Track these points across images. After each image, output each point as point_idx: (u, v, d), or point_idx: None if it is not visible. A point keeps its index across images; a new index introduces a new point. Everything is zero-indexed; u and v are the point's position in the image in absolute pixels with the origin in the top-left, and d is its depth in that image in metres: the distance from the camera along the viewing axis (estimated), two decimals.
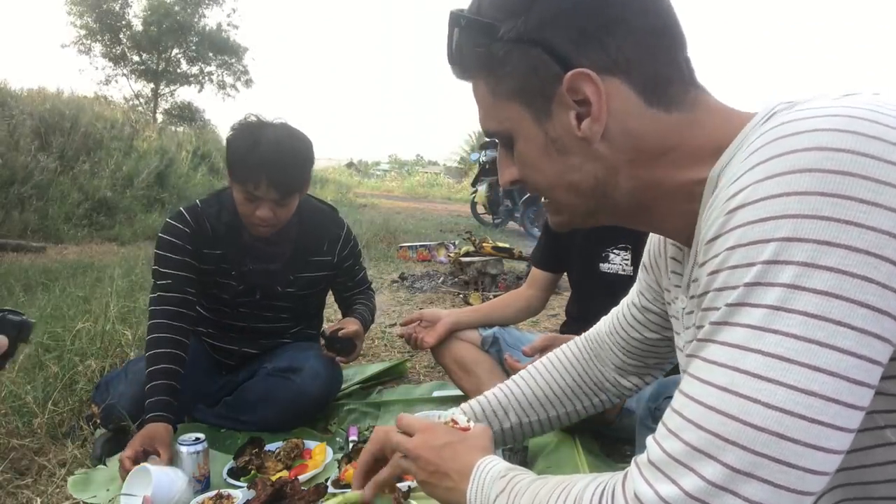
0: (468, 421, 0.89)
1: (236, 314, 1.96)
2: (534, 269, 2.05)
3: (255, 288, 1.92)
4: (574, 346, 1.08)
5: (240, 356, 2.00)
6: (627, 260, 1.82)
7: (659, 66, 0.64)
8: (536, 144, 0.68)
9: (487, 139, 10.21)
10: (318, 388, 1.86)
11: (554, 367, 1.07)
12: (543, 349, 1.66)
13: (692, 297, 0.68)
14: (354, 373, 2.41)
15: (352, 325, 1.95)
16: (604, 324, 1.05)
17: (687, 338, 0.73)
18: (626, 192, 0.67)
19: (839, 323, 0.46)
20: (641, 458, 0.56)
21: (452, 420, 0.90)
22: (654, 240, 0.89)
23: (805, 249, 0.47)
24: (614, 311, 1.03)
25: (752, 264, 0.49)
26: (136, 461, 1.45)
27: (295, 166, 1.73)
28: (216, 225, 1.84)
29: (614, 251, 1.84)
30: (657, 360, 1.00)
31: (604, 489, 0.58)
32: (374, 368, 2.45)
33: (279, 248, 1.90)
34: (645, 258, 0.92)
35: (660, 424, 0.55)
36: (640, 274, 0.95)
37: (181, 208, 1.88)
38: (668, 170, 0.65)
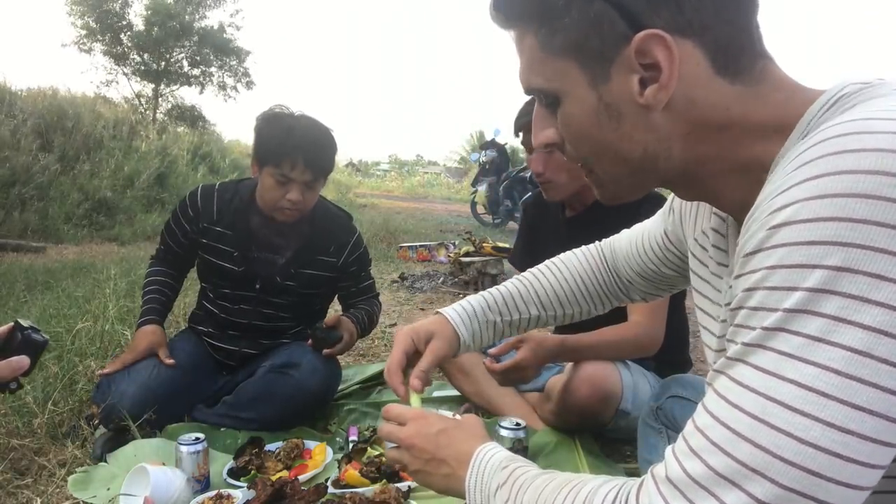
0: (454, 415, 0.89)
1: (237, 311, 1.97)
2: (515, 272, 2.05)
3: (255, 277, 1.93)
4: (590, 252, 1.08)
5: (240, 357, 2.00)
6: None
7: (734, 31, 0.58)
8: (587, 108, 0.62)
9: (487, 142, 10.28)
10: (316, 383, 1.85)
11: (574, 266, 1.06)
12: (516, 346, 1.67)
13: (727, 304, 0.64)
14: (354, 373, 2.42)
15: (337, 318, 1.98)
16: (620, 243, 1.03)
17: (721, 325, 0.69)
18: (677, 164, 0.62)
19: (884, 361, 0.44)
20: (659, 473, 0.53)
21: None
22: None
23: (856, 282, 0.44)
24: (630, 235, 1.01)
25: (794, 289, 0.46)
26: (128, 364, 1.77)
27: (327, 148, 1.87)
28: (225, 208, 1.93)
29: None
30: (669, 289, 1.01)
31: (617, 494, 0.56)
32: (374, 368, 2.45)
33: (286, 242, 1.94)
34: (675, 202, 0.88)
35: (680, 438, 0.53)
36: (665, 215, 0.91)
37: (200, 185, 2.02)
38: (725, 145, 0.60)
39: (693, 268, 0.81)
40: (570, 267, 1.06)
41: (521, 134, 1.89)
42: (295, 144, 1.77)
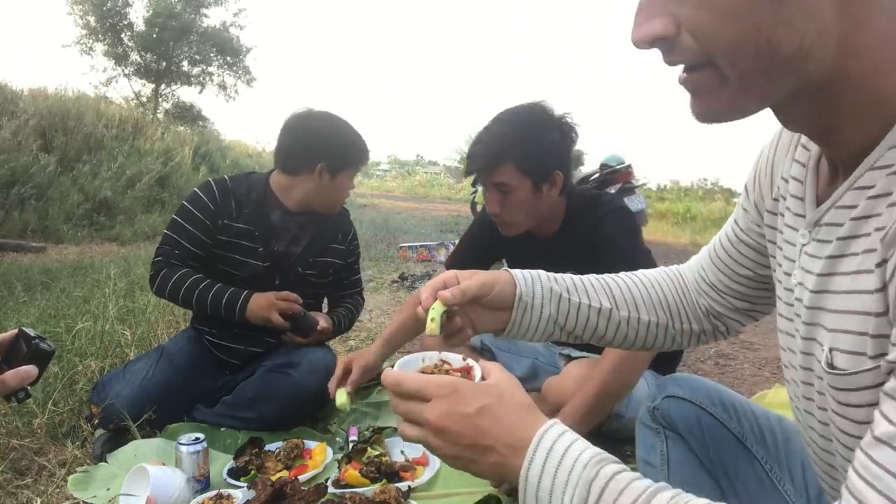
0: (464, 359, 0.77)
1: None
2: None
3: (276, 272, 1.94)
4: (661, 270, 0.98)
5: (244, 355, 2.00)
6: None
7: None
8: None
9: None
10: (316, 382, 1.84)
11: (647, 274, 0.96)
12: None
13: (837, 238, 0.57)
14: None
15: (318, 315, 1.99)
16: (689, 264, 0.96)
17: (799, 279, 0.64)
18: (824, 73, 0.52)
19: None
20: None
21: (442, 361, 0.79)
22: (765, 154, 0.77)
23: None
24: (698, 256, 0.95)
25: None
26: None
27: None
28: (244, 201, 1.92)
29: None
30: (746, 303, 0.88)
31: None
32: None
33: (303, 233, 2.00)
34: (749, 179, 0.81)
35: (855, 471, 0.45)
36: (741, 200, 0.85)
37: (210, 179, 1.98)
38: (876, 63, 0.51)
39: (770, 238, 0.74)
40: (640, 275, 0.96)
41: (476, 178, 1.79)
42: (365, 146, 1.96)
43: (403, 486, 1.42)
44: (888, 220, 0.49)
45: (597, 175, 6.63)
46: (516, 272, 0.88)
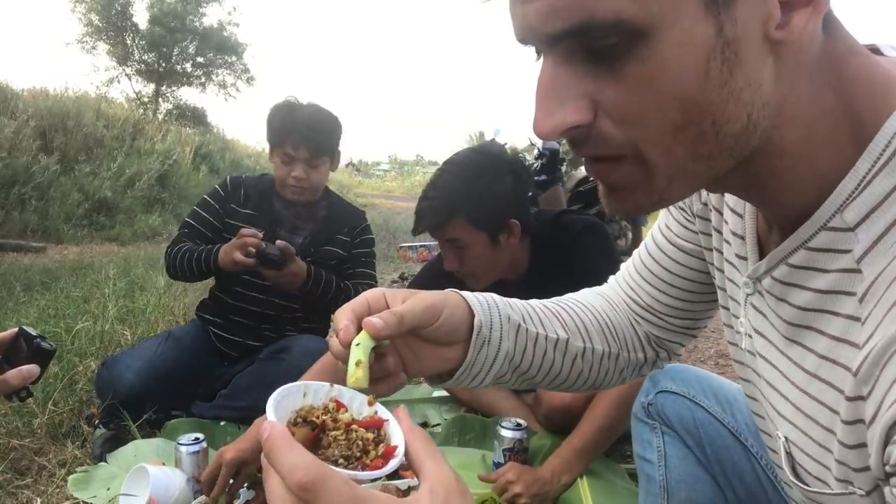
0: (372, 402, 0.53)
1: (251, 298, 2.01)
2: None
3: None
4: (595, 290, 0.87)
5: (243, 348, 2.04)
6: None
7: None
8: (695, 47, 0.41)
9: (487, 142, 10.23)
10: (308, 366, 1.82)
11: (587, 298, 0.84)
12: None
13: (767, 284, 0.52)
14: None
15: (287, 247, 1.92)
16: (611, 289, 0.85)
17: (747, 330, 0.60)
18: (756, 143, 0.46)
19: None
20: None
21: (336, 403, 0.54)
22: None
23: None
24: (616, 280, 0.86)
25: None
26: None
27: (325, 129, 1.98)
28: (251, 192, 2.05)
29: None
30: (688, 320, 0.79)
31: None
32: None
33: (306, 224, 2.06)
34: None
35: None
36: (669, 211, 0.76)
37: (228, 175, 2.16)
38: (820, 124, 0.46)
39: (706, 245, 0.70)
40: (581, 298, 0.84)
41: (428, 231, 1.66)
42: (294, 124, 1.92)
43: (403, 483, 1.41)
44: (859, 334, 0.44)
45: None
46: (468, 295, 0.67)
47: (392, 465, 0.48)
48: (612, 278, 0.88)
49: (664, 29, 0.40)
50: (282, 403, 0.52)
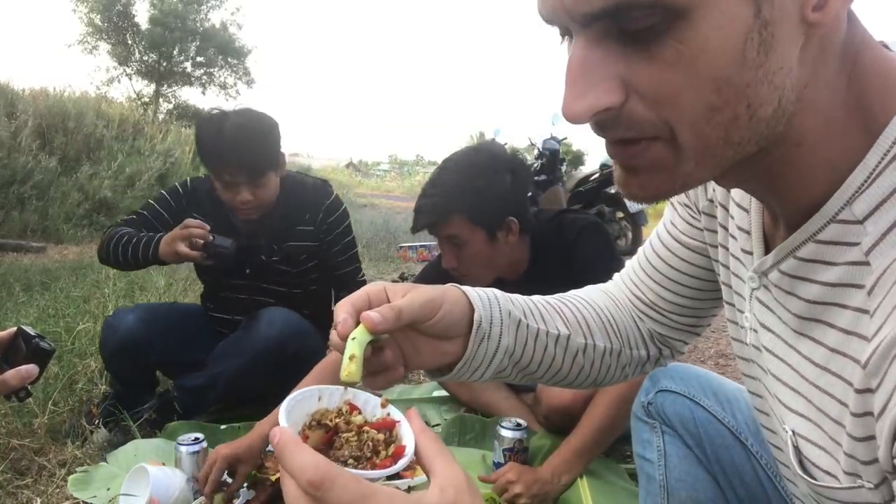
0: (384, 403, 0.55)
1: (234, 300, 2.03)
2: None
3: (244, 261, 1.94)
4: (600, 287, 0.87)
5: (233, 324, 2.03)
6: None
7: None
8: (734, 30, 0.40)
9: (487, 142, 10.22)
10: (274, 334, 1.82)
11: (590, 295, 0.84)
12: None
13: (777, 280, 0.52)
14: None
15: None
16: (615, 286, 0.86)
17: (752, 325, 0.61)
18: (782, 131, 0.46)
19: None
20: None
21: (350, 406, 0.55)
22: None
23: None
24: (621, 277, 0.86)
25: None
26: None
27: (259, 146, 1.79)
28: (204, 199, 1.97)
29: None
30: (692, 318, 0.79)
31: None
32: None
33: (262, 226, 1.93)
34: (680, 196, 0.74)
35: None
36: (675, 208, 0.77)
37: (189, 178, 2.06)
38: (842, 115, 0.46)
39: (710, 242, 0.70)
40: (584, 294, 0.84)
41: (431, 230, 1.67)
42: (224, 148, 1.75)
43: (403, 484, 1.42)
44: (868, 327, 0.44)
45: (597, 175, 6.63)
46: (469, 289, 0.68)
47: (400, 464, 0.49)
48: (616, 275, 0.88)
49: (703, 9, 0.40)
50: (295, 408, 0.53)
